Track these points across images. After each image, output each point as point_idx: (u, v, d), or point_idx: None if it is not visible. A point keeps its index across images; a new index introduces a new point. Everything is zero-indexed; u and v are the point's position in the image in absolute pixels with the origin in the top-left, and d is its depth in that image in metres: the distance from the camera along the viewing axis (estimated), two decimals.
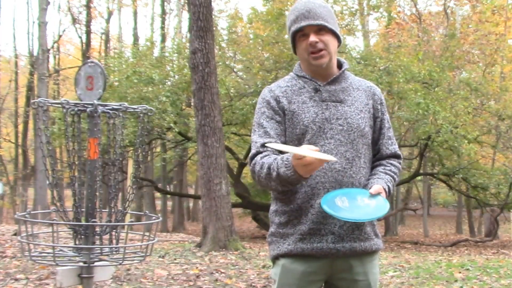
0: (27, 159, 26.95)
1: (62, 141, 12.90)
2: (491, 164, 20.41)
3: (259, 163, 1.94)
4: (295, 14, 2.03)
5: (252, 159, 1.99)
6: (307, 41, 2.01)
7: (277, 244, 2.03)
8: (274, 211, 2.06)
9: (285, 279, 1.99)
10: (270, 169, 1.88)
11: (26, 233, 2.61)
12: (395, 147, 2.17)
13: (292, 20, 2.04)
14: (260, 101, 2.09)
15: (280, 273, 2.00)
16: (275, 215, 2.05)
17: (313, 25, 1.99)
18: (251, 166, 1.98)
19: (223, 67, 15.17)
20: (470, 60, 19.10)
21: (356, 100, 2.08)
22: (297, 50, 2.08)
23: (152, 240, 2.77)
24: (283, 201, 2.02)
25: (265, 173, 1.90)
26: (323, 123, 2.00)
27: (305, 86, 2.07)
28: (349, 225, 1.97)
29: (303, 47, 2.04)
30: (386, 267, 7.17)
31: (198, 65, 8.58)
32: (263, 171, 1.91)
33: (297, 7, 2.04)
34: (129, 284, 5.19)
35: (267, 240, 2.12)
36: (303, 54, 2.05)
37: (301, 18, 2.01)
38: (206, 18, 8.62)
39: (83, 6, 25.44)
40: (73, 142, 2.66)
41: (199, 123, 8.62)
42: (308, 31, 2.01)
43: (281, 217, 2.02)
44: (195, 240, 11.21)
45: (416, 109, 13.57)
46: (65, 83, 27.76)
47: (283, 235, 2.01)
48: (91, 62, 2.80)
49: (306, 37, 2.02)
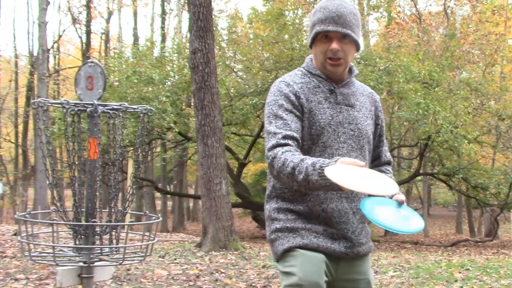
0: (27, 159, 26.96)
1: (62, 141, 12.91)
2: (491, 164, 20.41)
3: (280, 158, 1.85)
4: (325, 14, 1.96)
5: (270, 151, 1.89)
6: (329, 45, 1.97)
7: (288, 238, 1.95)
8: (276, 208, 2.00)
9: (309, 266, 1.89)
10: (295, 170, 1.80)
11: (26, 233, 2.61)
12: (389, 154, 2.27)
13: (320, 19, 1.97)
14: (276, 93, 1.99)
15: (302, 261, 1.90)
16: (279, 212, 1.99)
17: (339, 32, 1.95)
18: (270, 159, 1.88)
19: (223, 67, 15.17)
20: (470, 60, 19.10)
21: (363, 106, 2.10)
22: (314, 48, 2.03)
23: (152, 240, 2.77)
24: (289, 200, 1.99)
25: (288, 172, 1.82)
26: (338, 126, 1.99)
27: (320, 85, 2.03)
28: (359, 231, 2.03)
29: (323, 50, 1.99)
30: (386, 267, 7.17)
31: (198, 65, 8.58)
32: (286, 169, 1.82)
33: (329, 7, 1.97)
34: (129, 284, 5.18)
35: (270, 237, 2.01)
36: (320, 56, 2.01)
37: (330, 21, 1.95)
38: (206, 18, 8.62)
39: (83, 6, 25.46)
40: (73, 142, 2.66)
41: (199, 123, 8.62)
42: (333, 35, 1.97)
43: (287, 215, 1.97)
44: (195, 240, 11.22)
45: (416, 109, 13.57)
46: (65, 83, 27.77)
47: (293, 229, 1.95)
48: (91, 62, 2.80)
49: (329, 40, 1.97)
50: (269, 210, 2.03)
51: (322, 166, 1.74)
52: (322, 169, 1.73)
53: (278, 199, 2.01)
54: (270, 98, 2.00)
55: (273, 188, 2.03)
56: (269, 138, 1.92)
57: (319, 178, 1.74)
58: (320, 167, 1.74)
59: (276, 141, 1.88)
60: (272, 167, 1.88)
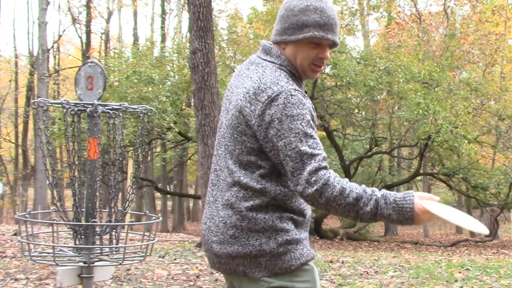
0: (27, 159, 26.97)
1: (62, 141, 12.90)
2: (491, 164, 20.42)
3: (334, 186, 1.71)
4: (323, 18, 1.86)
5: (313, 175, 1.72)
6: (319, 52, 1.89)
7: (298, 250, 1.85)
8: (279, 217, 1.84)
9: (318, 279, 1.91)
10: (359, 202, 1.70)
11: (26, 233, 2.61)
12: None
13: (317, 23, 1.86)
14: (300, 106, 1.78)
15: (314, 275, 1.89)
16: (282, 221, 1.85)
17: (335, 42, 1.89)
18: (318, 185, 1.71)
19: (223, 67, 15.17)
20: (470, 60, 19.12)
21: None
22: (295, 48, 1.89)
23: (152, 240, 2.77)
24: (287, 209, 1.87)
25: (347, 203, 1.70)
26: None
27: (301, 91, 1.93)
28: None
29: (311, 56, 1.89)
30: (386, 267, 7.17)
31: (198, 65, 8.58)
32: (346, 199, 1.70)
33: (326, 11, 1.88)
34: (129, 284, 5.18)
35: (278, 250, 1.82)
36: (304, 60, 1.89)
37: (329, 29, 1.87)
38: (206, 18, 8.62)
39: (83, 6, 25.48)
40: (73, 142, 2.67)
41: (199, 123, 8.62)
42: (325, 43, 1.88)
43: (288, 224, 1.86)
44: (195, 240, 11.22)
45: (416, 109, 13.58)
46: (65, 83, 27.78)
47: (299, 241, 1.87)
48: (91, 62, 2.80)
49: (319, 47, 1.88)
50: (271, 219, 1.84)
51: (397, 200, 1.71)
52: (397, 203, 1.70)
53: (275, 207, 1.85)
54: (293, 110, 1.76)
55: (272, 199, 1.84)
56: (306, 160, 1.73)
57: (393, 212, 1.70)
58: (395, 201, 1.71)
59: (318, 164, 1.73)
60: (320, 194, 1.71)
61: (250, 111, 1.80)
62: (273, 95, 1.78)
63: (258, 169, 1.84)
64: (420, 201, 1.71)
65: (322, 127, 15.46)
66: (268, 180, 1.83)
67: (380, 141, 18.35)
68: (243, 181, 1.84)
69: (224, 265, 1.90)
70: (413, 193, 1.73)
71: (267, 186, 1.83)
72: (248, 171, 1.84)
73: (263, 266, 1.83)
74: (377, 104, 16.86)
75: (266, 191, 1.83)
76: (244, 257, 1.84)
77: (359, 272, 6.60)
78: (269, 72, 1.86)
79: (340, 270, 6.71)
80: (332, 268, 6.95)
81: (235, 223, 1.85)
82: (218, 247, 1.88)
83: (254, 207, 1.83)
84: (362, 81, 13.92)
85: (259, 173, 1.83)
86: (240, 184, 1.84)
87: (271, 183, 1.84)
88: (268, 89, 1.79)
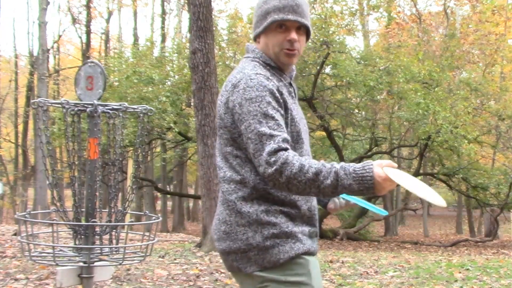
0: (27, 159, 26.96)
1: (62, 141, 12.90)
2: (491, 164, 20.42)
3: (293, 164, 1.68)
4: (282, 2, 1.87)
5: (272, 155, 1.70)
6: (286, 35, 1.88)
7: (288, 244, 1.82)
8: (265, 210, 1.81)
9: (316, 273, 1.85)
10: (318, 176, 1.66)
11: (26, 233, 2.61)
12: None
13: (276, 7, 1.87)
14: (260, 88, 1.78)
15: (310, 269, 1.84)
16: (269, 214, 1.82)
17: (298, 22, 1.88)
18: (277, 165, 1.68)
19: (223, 67, 15.17)
20: (470, 60, 19.12)
21: None
22: (265, 38, 1.92)
23: (152, 240, 2.77)
24: (275, 202, 1.84)
25: (307, 178, 1.67)
26: (301, 121, 1.95)
27: (281, 79, 1.93)
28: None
29: (279, 40, 1.89)
30: (386, 267, 7.17)
31: (198, 65, 8.59)
32: (305, 175, 1.67)
33: None
34: (129, 284, 5.18)
35: (264, 244, 1.80)
36: (275, 47, 1.90)
37: (289, 10, 1.87)
38: (206, 18, 8.63)
39: (83, 6, 25.46)
40: (73, 142, 2.67)
41: (199, 123, 8.62)
42: (290, 25, 1.88)
43: (279, 218, 1.83)
44: (195, 240, 11.21)
45: (416, 109, 13.58)
46: (65, 83, 27.77)
47: (290, 234, 1.83)
48: (91, 62, 2.80)
49: (285, 30, 1.89)
50: (255, 213, 1.81)
51: (356, 170, 1.67)
52: (357, 173, 1.65)
53: (260, 200, 1.83)
54: (252, 93, 1.78)
55: (253, 189, 1.82)
56: (265, 141, 1.72)
57: (354, 182, 1.65)
58: (354, 171, 1.66)
59: (278, 145, 1.71)
60: (280, 173, 1.69)
61: (220, 102, 1.88)
62: (235, 82, 1.84)
63: (235, 159, 1.86)
64: (381, 169, 1.66)
65: (322, 127, 15.47)
66: (246, 170, 1.84)
67: (380, 141, 18.36)
68: (227, 175, 1.87)
69: (224, 262, 1.93)
70: (372, 162, 1.70)
71: (246, 176, 1.84)
72: (228, 163, 1.87)
73: (252, 260, 1.82)
74: (377, 104, 16.87)
75: (246, 181, 1.84)
76: (235, 252, 1.84)
77: (359, 272, 6.60)
78: (241, 66, 1.91)
79: (340, 270, 6.71)
80: (332, 268, 6.95)
81: (225, 219, 1.87)
82: (217, 244, 1.91)
83: (238, 200, 1.84)
84: (362, 81, 13.93)
85: (236, 163, 1.85)
86: (225, 179, 1.88)
87: (250, 172, 1.84)
88: (233, 78, 1.86)
